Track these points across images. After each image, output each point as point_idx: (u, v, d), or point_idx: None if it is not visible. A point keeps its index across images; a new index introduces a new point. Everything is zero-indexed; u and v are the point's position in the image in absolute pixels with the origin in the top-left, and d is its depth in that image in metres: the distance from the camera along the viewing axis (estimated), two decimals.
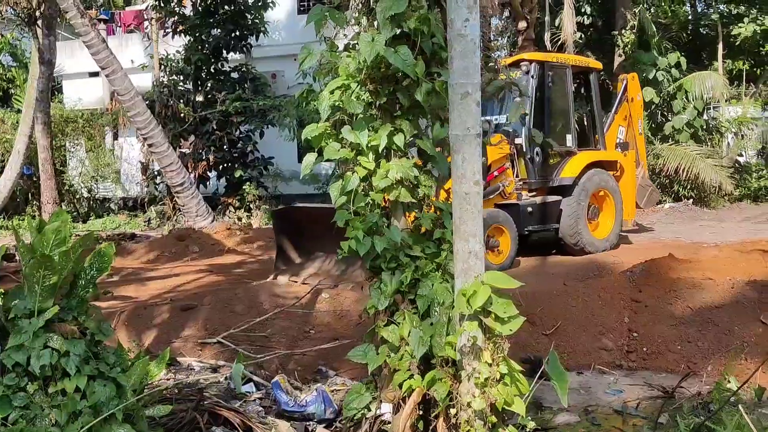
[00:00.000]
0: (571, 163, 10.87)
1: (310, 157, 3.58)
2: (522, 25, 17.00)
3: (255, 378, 5.97)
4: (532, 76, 10.50)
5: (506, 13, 18.95)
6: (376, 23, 3.48)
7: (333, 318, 7.38)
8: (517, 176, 10.43)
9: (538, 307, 7.44)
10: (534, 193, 10.63)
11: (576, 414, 5.57)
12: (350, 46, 3.57)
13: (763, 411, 5.53)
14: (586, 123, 11.68)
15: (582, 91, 11.95)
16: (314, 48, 3.59)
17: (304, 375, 6.39)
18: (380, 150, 3.45)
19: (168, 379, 5.89)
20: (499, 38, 28.73)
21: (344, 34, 3.56)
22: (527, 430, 3.32)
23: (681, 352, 6.74)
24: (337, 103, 3.45)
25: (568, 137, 11.12)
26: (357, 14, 3.56)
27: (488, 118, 10.43)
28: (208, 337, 7.05)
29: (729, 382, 5.83)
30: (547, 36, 18.13)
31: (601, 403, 5.83)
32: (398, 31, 3.48)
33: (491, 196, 9.89)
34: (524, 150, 10.36)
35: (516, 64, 10.75)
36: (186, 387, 5.67)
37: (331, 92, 3.47)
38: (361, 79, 3.45)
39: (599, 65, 12.39)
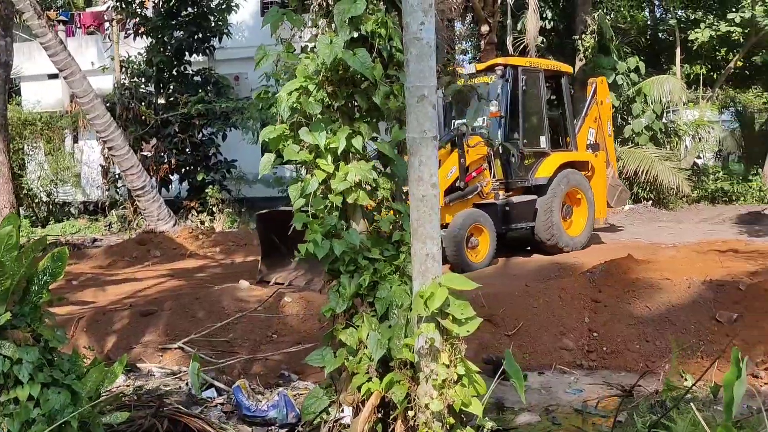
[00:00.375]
0: (545, 164, 11.17)
1: (268, 157, 3.56)
2: (485, 29, 17.16)
3: (216, 383, 5.91)
4: (507, 80, 10.82)
5: (469, 18, 19.11)
6: (334, 25, 3.47)
7: (297, 322, 7.34)
8: (494, 177, 10.71)
9: (500, 308, 7.50)
10: (510, 193, 10.90)
11: (537, 414, 5.62)
12: (308, 48, 3.55)
13: (718, 408, 5.66)
14: (558, 125, 12.01)
15: (553, 94, 12.23)
16: (271, 50, 3.57)
17: (266, 380, 6.35)
18: (339, 152, 3.44)
19: (127, 386, 5.81)
20: (463, 42, 28.97)
21: (300, 36, 3.55)
22: (485, 430, 3.34)
23: (639, 351, 6.86)
24: (295, 105, 3.44)
25: (542, 139, 11.45)
26: (315, 16, 3.55)
27: (464, 121, 10.95)
28: (169, 342, 6.96)
29: (686, 380, 5.95)
30: (509, 40, 18.31)
31: (561, 403, 5.89)
32: (356, 34, 3.49)
33: (470, 196, 10.23)
34: (500, 151, 10.67)
35: (491, 69, 11.09)
36: (145, 393, 5.60)
37: (289, 94, 3.46)
38: (319, 81, 3.44)
39: (570, 69, 12.82)
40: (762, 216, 15.01)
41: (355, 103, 3.54)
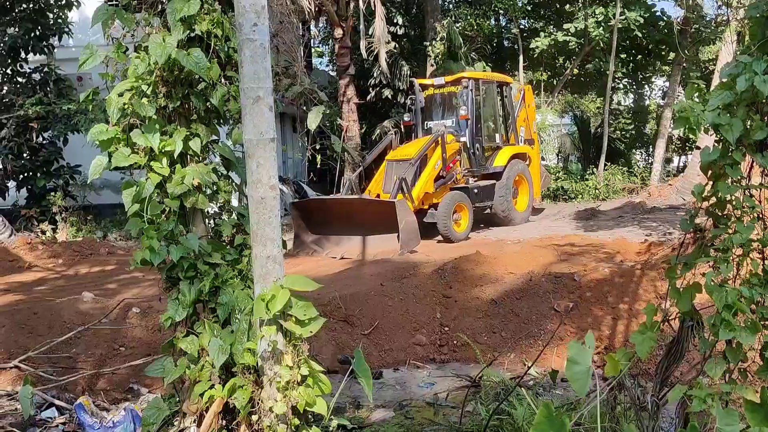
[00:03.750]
0: (500, 155, 14.33)
1: (100, 160, 3.38)
2: (338, 32, 17.27)
3: (57, 402, 5.57)
4: (470, 90, 13.67)
5: (323, 22, 19.17)
6: (168, 25, 3.36)
7: (146, 333, 7.04)
8: (462, 166, 13.48)
9: (357, 308, 7.61)
10: (476, 179, 13.80)
11: (391, 409, 5.75)
12: (141, 47, 3.41)
13: (557, 392, 6.06)
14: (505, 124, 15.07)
15: (501, 100, 15.12)
16: (101, 49, 3.40)
17: (114, 395, 6.06)
18: (175, 155, 3.33)
19: None
20: (320, 45, 29.02)
21: (132, 36, 3.41)
22: (330, 429, 3.37)
23: (487, 342, 7.21)
24: (126, 106, 3.29)
25: (497, 136, 14.65)
26: (148, 15, 3.41)
27: (443, 121, 14.14)
28: (4, 362, 6.44)
29: (527, 366, 6.31)
30: (363, 44, 18.57)
31: (414, 397, 6.07)
32: (193, 34, 3.41)
33: (448, 182, 13.02)
34: (468, 146, 13.56)
35: (458, 81, 14.05)
36: None
37: (120, 95, 3.32)
38: (152, 81, 3.31)
39: (511, 80, 15.98)
40: (597, 212, 16.19)
41: (193, 105, 3.44)
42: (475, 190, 13.39)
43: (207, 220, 3.63)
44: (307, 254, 11.77)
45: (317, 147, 20.11)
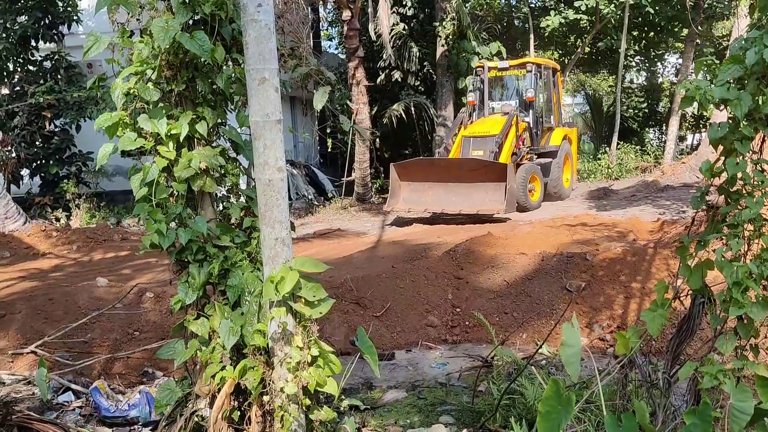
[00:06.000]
0: (554, 135, 15.82)
1: (107, 148, 3.39)
2: (346, 14, 17.16)
3: (74, 386, 5.64)
4: (534, 75, 15.05)
5: (330, 4, 19.04)
6: (172, 8, 3.35)
7: (159, 317, 7.11)
8: (526, 145, 14.52)
9: (368, 290, 7.63)
10: (537, 157, 14.82)
11: (404, 390, 5.78)
12: (146, 32, 3.41)
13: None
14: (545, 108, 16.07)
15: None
16: (105, 35, 3.40)
17: (129, 378, 6.13)
18: (182, 138, 3.34)
19: None
20: (329, 28, 28.91)
21: (138, 20, 3.40)
22: (342, 409, 3.39)
23: (499, 323, 7.20)
24: (132, 91, 3.30)
25: (551, 117, 16.05)
26: None
27: (510, 102, 15.29)
28: (21, 347, 6.53)
29: (538, 346, 6.31)
30: (371, 26, 18.44)
31: (427, 378, 6.09)
32: (197, 17, 3.39)
33: (519, 159, 14.05)
34: (530, 126, 14.71)
35: (522, 65, 15.40)
36: None
37: (125, 79, 3.32)
38: (157, 65, 3.31)
39: (558, 66, 17.57)
40: (609, 191, 16.10)
41: (199, 88, 3.44)
42: (539, 167, 14.47)
43: (215, 204, 3.64)
44: (402, 211, 13.16)
45: (328, 131, 20.07)
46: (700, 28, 20.34)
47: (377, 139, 19.63)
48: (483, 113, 15.22)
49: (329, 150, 26.16)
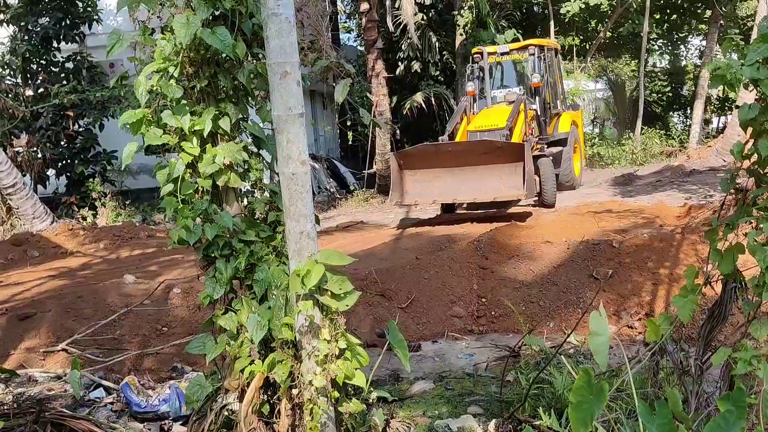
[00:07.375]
0: (562, 121, 14.40)
1: (131, 146, 3.42)
2: (365, 6, 17.12)
3: (104, 382, 5.71)
4: (537, 57, 13.75)
5: None
6: (193, 4, 3.36)
7: (187, 313, 7.17)
8: (534, 134, 13.16)
9: (393, 282, 7.62)
10: (547, 147, 13.41)
11: (431, 381, 5.77)
12: (167, 29, 3.42)
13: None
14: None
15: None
16: (127, 34, 3.42)
17: (159, 374, 6.19)
18: (205, 134, 3.35)
19: (4, 394, 5.49)
20: (348, 20, 28.86)
21: (159, 18, 3.42)
22: (370, 401, 3.39)
23: (525, 312, 7.16)
24: (155, 88, 3.32)
25: (558, 102, 14.72)
26: None
27: (514, 89, 13.96)
28: (52, 345, 6.63)
29: (566, 334, 6.26)
30: (389, 18, 18.38)
31: (454, 368, 6.08)
32: (218, 12, 3.40)
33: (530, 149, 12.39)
34: (537, 113, 13.33)
35: (523, 48, 14.18)
36: (26, 400, 5.32)
37: (148, 77, 3.34)
38: (179, 62, 3.33)
39: (558, 45, 16.67)
40: (634, 177, 15.92)
41: (221, 84, 3.45)
42: (551, 158, 12.91)
43: (240, 199, 3.65)
44: (408, 205, 12.19)
45: (348, 123, 20.06)
46: (723, 9, 19.98)
47: (398, 131, 19.58)
48: (486, 104, 13.77)
49: (350, 143, 26.19)
